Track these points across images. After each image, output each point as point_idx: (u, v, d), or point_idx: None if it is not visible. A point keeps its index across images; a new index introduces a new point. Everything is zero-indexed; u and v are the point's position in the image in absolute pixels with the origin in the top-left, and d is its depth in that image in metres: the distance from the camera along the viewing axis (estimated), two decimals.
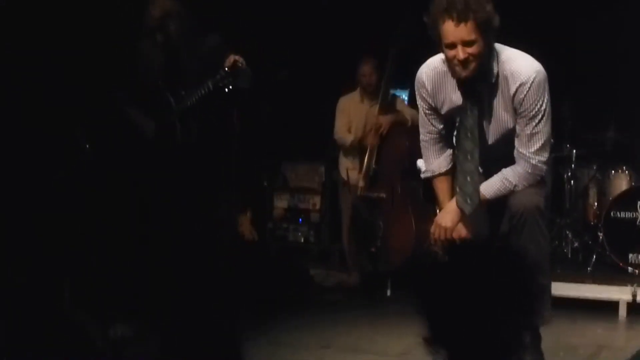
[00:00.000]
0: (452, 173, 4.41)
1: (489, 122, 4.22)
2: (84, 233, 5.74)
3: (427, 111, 4.38)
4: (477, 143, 4.21)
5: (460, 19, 3.95)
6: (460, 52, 4.01)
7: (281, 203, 8.69)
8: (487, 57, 4.09)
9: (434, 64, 4.25)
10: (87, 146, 6.11)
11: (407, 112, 7.28)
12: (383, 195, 7.16)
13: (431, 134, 4.41)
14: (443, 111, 4.32)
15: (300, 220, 8.61)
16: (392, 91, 7.52)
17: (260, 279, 6.19)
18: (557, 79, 4.89)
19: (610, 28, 7.59)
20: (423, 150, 4.47)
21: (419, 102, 4.40)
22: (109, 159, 6.12)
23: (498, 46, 4.14)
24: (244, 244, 7.36)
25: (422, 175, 4.53)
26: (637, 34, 7.50)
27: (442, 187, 4.44)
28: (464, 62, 4.03)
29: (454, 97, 4.24)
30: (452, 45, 4.02)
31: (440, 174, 4.46)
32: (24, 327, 3.92)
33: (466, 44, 3.99)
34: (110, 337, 4.74)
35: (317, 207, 8.61)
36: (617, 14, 7.57)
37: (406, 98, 7.78)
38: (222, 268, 5.65)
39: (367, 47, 7.75)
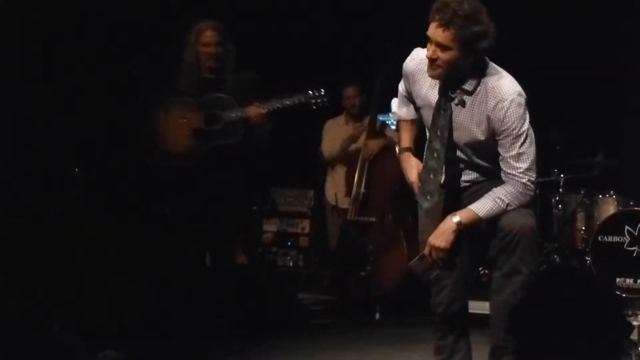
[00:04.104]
0: (415, 124, 4.60)
1: (457, 129, 4.25)
2: (76, 255, 5.74)
3: (404, 94, 4.53)
4: (445, 143, 4.24)
5: (441, 24, 4.01)
6: (430, 50, 4.08)
7: (270, 227, 8.71)
8: (465, 68, 4.12)
9: (420, 56, 4.28)
10: (77, 170, 6.13)
11: (396, 138, 7.32)
12: (373, 219, 7.17)
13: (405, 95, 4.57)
14: (417, 104, 4.40)
15: (289, 244, 8.63)
16: (379, 116, 7.56)
17: (248, 303, 6.18)
18: (545, 105, 4.94)
19: (597, 54, 7.65)
20: (399, 96, 4.63)
21: (401, 83, 4.53)
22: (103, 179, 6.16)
23: (489, 63, 4.18)
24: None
25: (391, 115, 4.68)
26: (624, 60, 7.55)
27: (404, 133, 4.62)
28: (431, 61, 4.10)
29: (430, 94, 4.28)
30: (429, 40, 4.09)
31: (405, 120, 4.61)
32: (14, 350, 3.92)
33: (439, 45, 4.04)
34: None
35: (306, 231, 8.64)
36: (603, 41, 7.63)
37: (394, 122, 7.81)
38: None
39: (353, 73, 7.81)
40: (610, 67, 7.61)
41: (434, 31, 4.03)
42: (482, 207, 4.20)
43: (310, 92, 5.68)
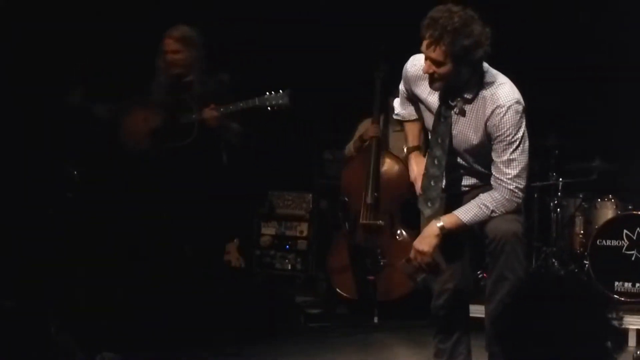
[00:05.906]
0: (419, 122, 4.63)
1: (456, 136, 4.26)
2: (72, 258, 5.74)
3: (405, 95, 4.57)
4: (446, 150, 4.27)
5: (432, 42, 4.03)
6: (426, 66, 4.13)
7: (268, 230, 8.69)
8: (463, 78, 4.14)
9: (421, 62, 4.28)
10: (75, 172, 6.14)
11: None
12: (381, 222, 7.10)
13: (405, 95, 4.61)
14: (420, 107, 4.45)
15: (287, 247, 8.61)
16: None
17: (246, 306, 6.17)
18: (544, 109, 4.94)
19: (596, 57, 7.64)
20: (400, 97, 4.67)
21: (402, 84, 4.56)
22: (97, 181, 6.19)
23: (489, 69, 4.18)
24: (231, 271, 7.35)
25: (394, 116, 4.76)
26: (623, 63, 7.55)
27: (409, 132, 4.68)
28: (429, 75, 4.15)
29: (430, 99, 4.32)
30: (424, 55, 4.11)
31: (409, 120, 4.66)
32: (12, 352, 3.91)
33: (433, 62, 4.06)
34: None
35: (305, 234, 8.61)
36: (602, 45, 7.63)
37: None
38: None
39: (351, 78, 7.80)
40: (608, 71, 7.60)
41: (426, 48, 4.08)
42: (467, 212, 4.22)
43: (267, 94, 5.78)
